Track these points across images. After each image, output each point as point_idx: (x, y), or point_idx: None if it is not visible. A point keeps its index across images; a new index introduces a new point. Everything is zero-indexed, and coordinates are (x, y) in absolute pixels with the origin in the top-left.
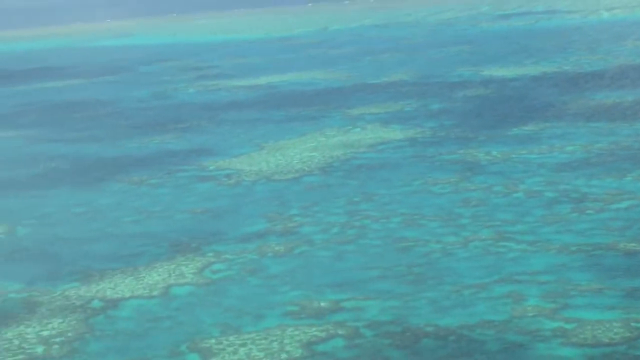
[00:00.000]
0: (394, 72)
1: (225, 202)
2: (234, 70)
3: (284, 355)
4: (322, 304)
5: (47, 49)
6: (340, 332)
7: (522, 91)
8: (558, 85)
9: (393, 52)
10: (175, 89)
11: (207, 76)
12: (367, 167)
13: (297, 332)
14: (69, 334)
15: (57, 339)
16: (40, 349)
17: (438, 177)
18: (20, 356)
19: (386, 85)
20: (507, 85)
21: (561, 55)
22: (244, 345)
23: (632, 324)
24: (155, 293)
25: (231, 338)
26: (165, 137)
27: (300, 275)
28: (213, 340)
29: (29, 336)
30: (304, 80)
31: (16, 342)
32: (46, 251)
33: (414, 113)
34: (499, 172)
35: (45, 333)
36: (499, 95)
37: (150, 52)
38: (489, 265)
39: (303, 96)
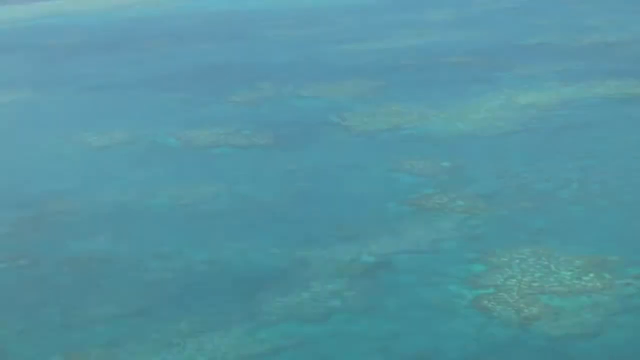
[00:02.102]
0: (534, 33)
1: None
2: (353, 33)
3: None
4: None
5: (153, 17)
6: None
7: None
8: None
9: (514, 15)
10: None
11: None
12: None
13: None
14: (357, 288)
15: (349, 293)
16: (336, 302)
17: None
18: (321, 310)
19: (535, 45)
20: None
21: None
22: None
23: None
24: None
25: None
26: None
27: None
28: None
29: (314, 290)
30: (440, 42)
31: (305, 295)
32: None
33: (588, 72)
34: None
35: (330, 287)
36: None
37: (253, 17)
38: None
39: (453, 56)
